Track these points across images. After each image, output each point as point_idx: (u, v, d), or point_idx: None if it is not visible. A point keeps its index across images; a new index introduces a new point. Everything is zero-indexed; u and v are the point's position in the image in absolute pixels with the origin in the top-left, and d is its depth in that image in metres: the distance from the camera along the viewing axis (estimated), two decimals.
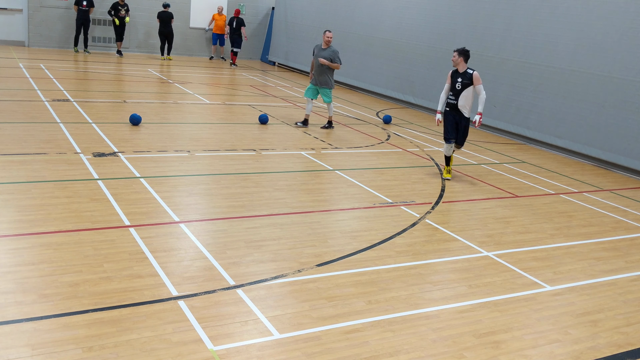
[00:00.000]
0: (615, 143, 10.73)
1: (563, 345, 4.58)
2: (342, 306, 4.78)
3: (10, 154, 7.86)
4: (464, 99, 8.68)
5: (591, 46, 11.06)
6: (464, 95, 8.65)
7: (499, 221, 7.27)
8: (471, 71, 8.55)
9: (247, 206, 6.86)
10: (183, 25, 21.55)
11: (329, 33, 11.27)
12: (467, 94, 8.65)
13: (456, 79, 8.65)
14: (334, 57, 11.28)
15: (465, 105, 8.73)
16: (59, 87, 12.93)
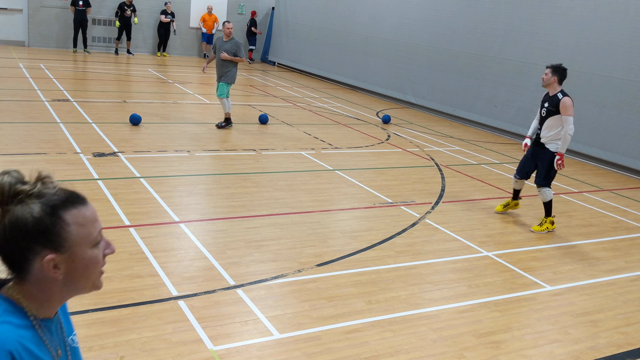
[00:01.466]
0: (615, 143, 10.73)
1: (563, 345, 4.58)
2: (342, 306, 4.78)
3: (10, 154, 7.87)
4: (547, 129, 6.93)
5: (591, 46, 11.06)
6: (548, 124, 6.91)
7: (499, 221, 7.27)
8: (561, 96, 6.76)
9: (247, 206, 6.86)
10: (183, 25, 21.55)
11: (228, 24, 10.55)
12: (551, 124, 6.87)
13: (544, 103, 6.97)
14: (237, 50, 10.54)
15: (549, 137, 6.94)
16: (59, 87, 12.93)
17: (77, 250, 1.41)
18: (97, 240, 1.45)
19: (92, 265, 1.45)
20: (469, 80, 13.78)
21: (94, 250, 1.45)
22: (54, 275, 1.41)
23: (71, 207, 1.41)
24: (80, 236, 1.42)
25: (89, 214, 1.44)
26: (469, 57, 13.72)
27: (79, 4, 18.44)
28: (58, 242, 1.39)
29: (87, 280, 1.46)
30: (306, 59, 20.16)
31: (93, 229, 1.44)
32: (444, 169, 9.43)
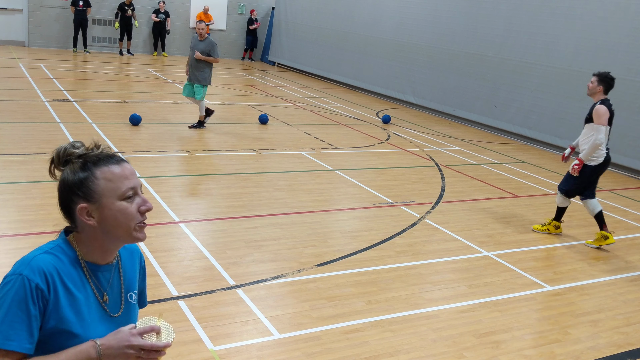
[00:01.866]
0: (615, 143, 10.72)
1: (563, 345, 4.58)
2: (342, 306, 4.78)
3: (10, 154, 7.86)
4: (582, 137, 6.74)
5: (592, 46, 11.06)
6: (583, 132, 6.72)
7: (499, 221, 7.27)
8: (598, 104, 6.49)
9: (247, 206, 6.86)
10: (183, 25, 21.55)
11: (200, 24, 10.25)
12: (586, 131, 6.66)
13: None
14: (212, 50, 10.24)
15: (582, 145, 6.72)
16: (59, 87, 12.93)
17: (106, 201, 1.65)
18: (125, 195, 1.66)
19: (120, 215, 1.66)
20: (469, 80, 13.78)
21: (122, 203, 1.66)
22: (89, 223, 1.66)
23: (102, 165, 1.67)
24: (108, 189, 1.65)
25: (118, 171, 1.67)
26: (469, 57, 13.72)
27: (79, 4, 18.44)
28: (88, 193, 1.65)
29: (120, 229, 1.67)
30: (306, 59, 20.16)
31: (121, 184, 1.66)
32: (444, 169, 9.43)
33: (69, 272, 1.65)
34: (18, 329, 1.53)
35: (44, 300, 1.57)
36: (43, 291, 1.57)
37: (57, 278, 1.61)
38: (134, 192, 1.71)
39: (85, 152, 1.73)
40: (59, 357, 1.57)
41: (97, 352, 1.58)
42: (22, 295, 1.54)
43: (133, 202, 1.69)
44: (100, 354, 1.58)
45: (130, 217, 1.68)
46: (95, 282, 1.70)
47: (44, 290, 1.57)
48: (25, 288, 1.55)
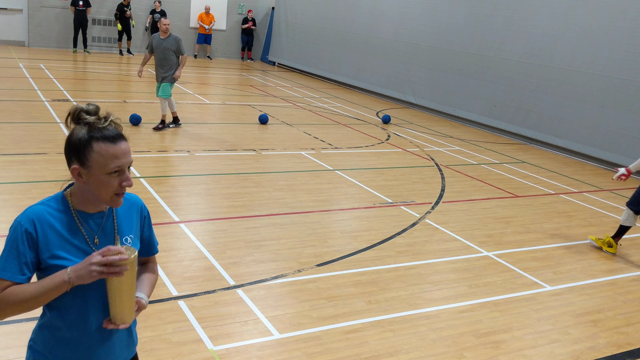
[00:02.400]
0: (615, 143, 10.74)
1: (563, 345, 4.58)
2: (342, 306, 4.78)
3: (10, 154, 7.86)
4: None
5: (591, 46, 11.06)
6: None
7: (499, 221, 7.27)
8: None
9: (247, 206, 6.86)
10: (183, 25, 21.55)
11: (165, 20, 9.90)
12: None
13: None
14: (179, 46, 9.88)
15: None
16: (59, 87, 12.93)
17: (94, 171, 1.93)
18: (111, 172, 1.93)
19: (102, 186, 1.95)
20: (469, 80, 13.79)
21: (106, 176, 1.94)
22: (79, 181, 1.97)
23: (101, 141, 1.93)
24: (98, 163, 1.93)
25: (112, 151, 1.93)
26: (469, 57, 13.72)
27: (79, 4, 18.45)
28: (83, 160, 1.94)
29: (101, 195, 1.97)
30: (306, 59, 20.16)
31: (110, 162, 1.93)
32: (444, 169, 9.43)
33: (61, 219, 1.97)
34: (11, 263, 1.90)
35: (32, 241, 1.92)
36: (31, 234, 1.91)
37: (46, 224, 1.93)
38: (120, 170, 1.97)
39: (94, 121, 1.98)
40: (40, 282, 1.90)
41: (67, 274, 1.88)
42: (15, 238, 1.92)
43: (117, 178, 1.97)
44: (69, 276, 1.88)
45: (110, 189, 1.97)
46: (86, 227, 2.00)
47: (32, 233, 1.91)
48: (17, 232, 1.92)
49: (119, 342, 2.15)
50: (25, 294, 1.88)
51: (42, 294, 1.88)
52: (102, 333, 2.06)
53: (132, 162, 2.02)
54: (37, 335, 2.07)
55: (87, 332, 2.04)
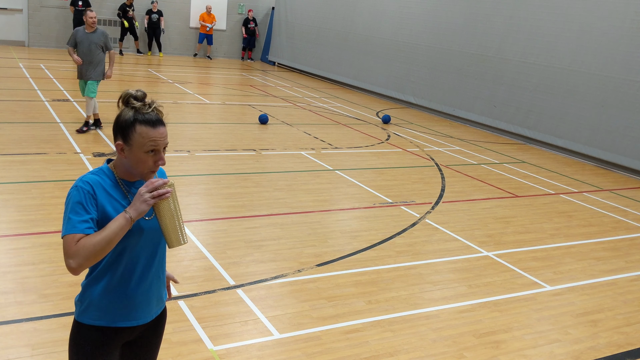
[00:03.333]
0: (615, 143, 10.74)
1: (563, 345, 4.58)
2: (342, 306, 4.78)
3: (10, 154, 7.86)
4: None
5: (591, 46, 11.06)
6: None
7: (499, 221, 7.27)
8: None
9: (247, 206, 6.86)
10: (183, 25, 21.55)
11: (91, 13, 9.28)
12: None
13: None
14: (106, 41, 9.35)
15: None
16: (59, 87, 12.93)
17: (134, 149, 2.28)
18: (148, 150, 2.28)
19: (140, 162, 2.30)
20: (468, 80, 13.78)
21: (143, 155, 2.28)
22: (121, 155, 2.31)
23: (143, 124, 2.28)
24: (138, 142, 2.27)
25: (150, 133, 2.28)
26: (469, 57, 13.72)
27: (78, 4, 18.46)
28: (126, 138, 2.28)
29: (137, 170, 2.32)
30: (306, 59, 20.16)
31: (148, 142, 2.27)
32: (444, 169, 9.43)
33: (110, 185, 2.32)
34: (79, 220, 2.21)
35: (93, 200, 2.26)
36: (92, 195, 2.26)
37: (100, 188, 2.28)
38: (156, 150, 2.31)
39: (140, 106, 2.30)
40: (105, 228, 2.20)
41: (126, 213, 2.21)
42: (79, 199, 2.23)
43: (152, 157, 2.31)
44: (129, 214, 2.21)
45: (145, 166, 2.32)
46: (130, 194, 2.36)
47: (93, 194, 2.26)
48: (81, 194, 2.24)
49: (154, 293, 2.53)
50: (96, 239, 2.18)
51: (109, 236, 2.19)
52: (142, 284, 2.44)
53: (167, 144, 2.37)
54: (85, 290, 2.40)
55: (130, 283, 2.39)
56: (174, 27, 21.50)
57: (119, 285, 2.38)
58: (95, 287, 2.38)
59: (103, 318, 2.38)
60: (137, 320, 2.46)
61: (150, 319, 2.55)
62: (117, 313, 2.40)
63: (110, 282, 2.37)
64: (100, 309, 2.38)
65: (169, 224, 2.29)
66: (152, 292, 2.51)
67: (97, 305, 2.38)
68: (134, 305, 2.43)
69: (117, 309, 2.39)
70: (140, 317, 2.48)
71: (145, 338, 2.59)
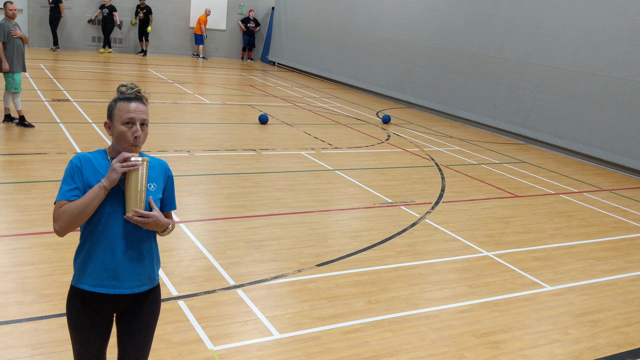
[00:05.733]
0: (615, 143, 10.73)
1: (563, 345, 4.58)
2: (342, 306, 4.78)
3: (10, 154, 7.86)
4: None
5: (592, 46, 11.06)
6: None
7: (499, 221, 7.27)
8: None
9: (247, 206, 6.86)
10: (183, 25, 21.55)
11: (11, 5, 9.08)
12: None
13: None
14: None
15: None
16: (59, 87, 12.93)
17: (115, 123, 2.63)
18: (124, 121, 2.59)
19: (121, 135, 2.61)
20: (469, 80, 13.78)
21: (122, 127, 2.60)
22: (109, 133, 2.67)
23: (121, 101, 2.64)
24: (117, 115, 2.62)
25: (126, 107, 2.61)
26: (469, 57, 13.72)
27: (49, 0, 18.55)
28: (110, 115, 2.66)
29: (120, 144, 2.63)
30: (306, 59, 20.15)
31: (124, 115, 2.59)
32: (444, 169, 9.43)
33: (100, 162, 2.64)
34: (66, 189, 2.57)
35: (79, 172, 2.59)
36: (79, 168, 2.59)
37: (89, 163, 2.61)
38: (132, 122, 2.60)
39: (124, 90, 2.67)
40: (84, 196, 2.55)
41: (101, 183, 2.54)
42: (69, 171, 2.60)
43: (130, 128, 2.60)
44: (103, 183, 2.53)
45: (125, 139, 2.61)
46: None
47: (80, 168, 2.60)
48: (70, 167, 2.61)
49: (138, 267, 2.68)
50: (76, 205, 2.53)
51: (85, 202, 2.53)
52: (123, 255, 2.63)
53: (145, 120, 2.63)
54: (75, 256, 2.70)
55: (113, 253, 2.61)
56: (174, 27, 21.49)
57: (102, 254, 2.61)
58: (80, 254, 2.66)
59: (87, 283, 2.62)
60: (118, 289, 2.63)
61: (133, 291, 2.68)
62: (97, 279, 2.62)
63: (94, 250, 2.62)
64: (84, 274, 2.63)
65: (132, 193, 2.55)
66: (132, 265, 2.66)
67: (81, 271, 2.64)
68: (116, 274, 2.62)
69: (95, 275, 2.62)
70: (122, 287, 2.64)
71: (137, 314, 2.74)
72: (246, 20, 22.09)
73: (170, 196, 2.84)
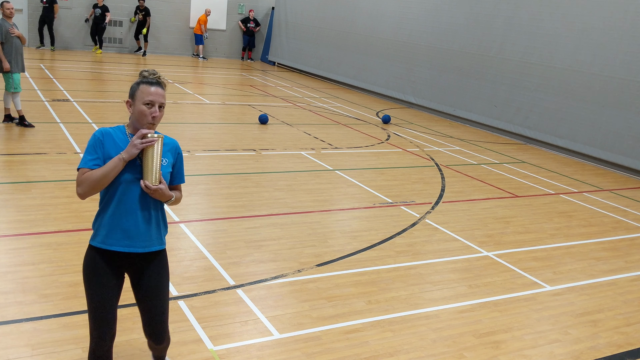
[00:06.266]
0: (615, 143, 10.74)
1: (563, 345, 4.58)
2: (342, 306, 4.78)
3: (10, 154, 7.86)
4: None
5: (592, 46, 11.06)
6: None
7: (499, 221, 7.27)
8: None
9: (247, 206, 6.86)
10: (183, 25, 21.55)
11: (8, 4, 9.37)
12: None
13: None
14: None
15: None
16: (59, 87, 12.93)
17: (136, 102, 3.01)
18: (144, 102, 2.97)
19: (141, 114, 3.00)
20: (469, 80, 13.78)
21: (142, 106, 2.98)
22: (130, 110, 3.05)
23: (143, 83, 3.02)
24: (139, 96, 3.00)
25: (148, 90, 2.99)
26: (469, 57, 13.72)
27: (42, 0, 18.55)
28: (132, 95, 3.03)
29: (140, 121, 3.01)
30: (306, 59, 20.16)
31: (145, 96, 2.98)
32: (444, 169, 9.43)
33: (119, 136, 3.03)
34: (88, 158, 2.95)
35: (100, 144, 2.96)
36: (101, 140, 2.97)
37: (110, 137, 2.99)
38: (151, 104, 2.99)
39: (147, 75, 3.06)
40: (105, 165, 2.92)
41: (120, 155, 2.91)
42: (92, 143, 2.98)
43: (149, 109, 2.99)
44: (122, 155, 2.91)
45: (144, 117, 2.99)
46: None
47: (102, 140, 2.97)
48: (93, 139, 2.98)
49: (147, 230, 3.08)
50: (97, 173, 2.90)
51: (105, 171, 2.90)
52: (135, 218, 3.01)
53: (163, 103, 3.02)
54: (95, 219, 3.09)
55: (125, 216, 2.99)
56: (174, 27, 21.49)
57: (113, 216, 2.99)
58: (99, 216, 3.05)
59: (101, 241, 3.02)
60: (129, 247, 3.03)
61: (143, 250, 3.08)
62: (112, 238, 3.00)
63: (112, 213, 2.99)
64: (100, 234, 3.02)
65: (149, 166, 2.94)
66: (143, 227, 3.05)
67: (98, 231, 3.03)
68: (130, 235, 3.01)
69: (110, 235, 3.00)
70: (132, 246, 3.03)
71: (146, 272, 3.17)
72: (246, 20, 22.09)
73: (179, 171, 3.23)
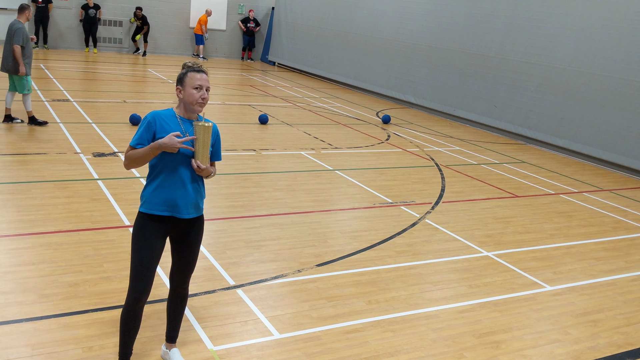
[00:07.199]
0: (615, 143, 10.74)
1: (563, 345, 4.58)
2: (342, 306, 4.78)
3: (10, 154, 7.86)
4: None
5: (592, 46, 11.06)
6: None
7: (499, 221, 7.27)
8: None
9: (247, 206, 6.86)
10: (183, 25, 21.55)
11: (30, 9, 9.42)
12: None
13: None
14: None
15: None
16: (59, 87, 12.93)
17: (186, 87, 3.40)
18: (194, 86, 3.38)
19: (191, 96, 3.39)
20: (469, 80, 13.78)
21: (192, 90, 3.38)
22: (179, 95, 3.44)
23: (191, 71, 3.42)
24: (189, 82, 3.39)
25: (196, 76, 3.39)
26: (469, 57, 13.72)
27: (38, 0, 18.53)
28: (181, 82, 3.43)
29: (189, 103, 3.41)
30: (306, 59, 20.16)
31: (194, 81, 3.38)
32: (444, 169, 9.43)
33: (170, 119, 3.43)
34: (138, 137, 3.37)
35: (150, 127, 3.38)
36: (151, 123, 3.38)
37: (160, 119, 3.40)
38: (200, 87, 3.39)
39: (192, 64, 3.45)
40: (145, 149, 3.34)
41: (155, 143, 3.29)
42: (144, 123, 3.39)
43: (198, 92, 3.39)
44: (160, 144, 3.28)
45: (194, 98, 3.39)
46: (182, 127, 3.43)
47: (152, 123, 3.39)
48: (146, 120, 3.39)
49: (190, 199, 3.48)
50: (137, 153, 3.36)
51: (144, 155, 3.34)
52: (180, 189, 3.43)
53: (209, 87, 3.43)
54: (143, 189, 3.50)
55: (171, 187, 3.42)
56: (174, 27, 21.49)
57: (163, 187, 3.42)
58: (148, 187, 3.48)
59: (150, 209, 3.44)
60: (175, 213, 3.45)
61: (187, 217, 3.50)
62: (161, 205, 3.43)
63: (157, 184, 3.43)
64: (149, 203, 3.44)
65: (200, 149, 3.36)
66: (189, 198, 3.48)
67: (147, 200, 3.45)
68: (174, 203, 3.44)
69: (161, 203, 3.43)
70: (178, 213, 3.45)
71: (188, 236, 3.61)
72: (246, 20, 22.09)
73: (217, 150, 3.64)
